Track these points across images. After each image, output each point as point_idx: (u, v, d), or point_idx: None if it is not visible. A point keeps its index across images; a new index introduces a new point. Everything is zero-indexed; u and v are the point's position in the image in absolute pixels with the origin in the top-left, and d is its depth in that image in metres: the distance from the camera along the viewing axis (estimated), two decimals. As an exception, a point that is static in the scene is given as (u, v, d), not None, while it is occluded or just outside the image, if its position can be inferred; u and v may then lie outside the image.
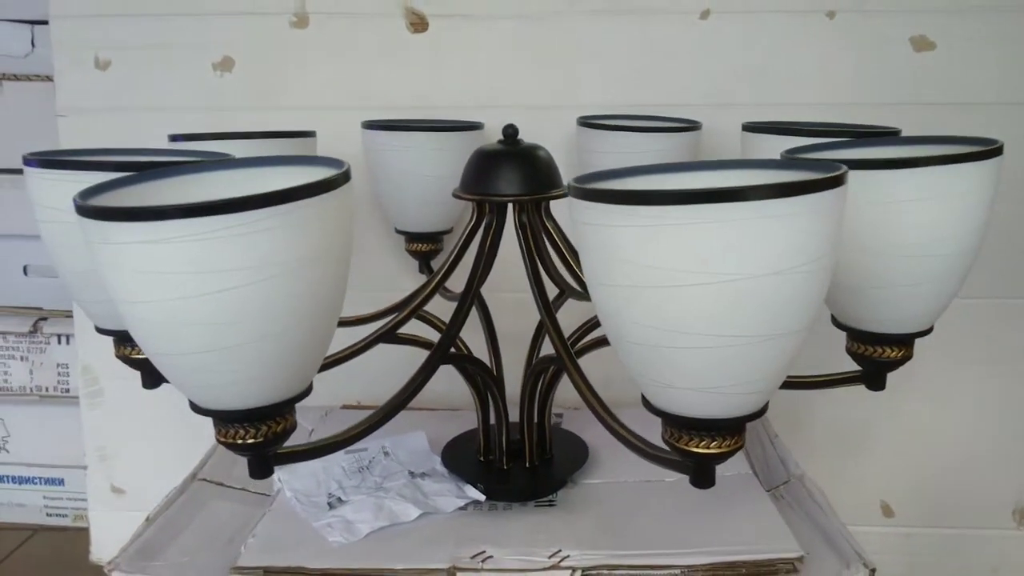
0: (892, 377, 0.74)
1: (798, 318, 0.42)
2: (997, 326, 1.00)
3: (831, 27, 0.95)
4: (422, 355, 0.67)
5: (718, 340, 0.42)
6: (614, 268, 0.42)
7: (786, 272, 0.40)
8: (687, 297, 0.41)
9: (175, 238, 0.40)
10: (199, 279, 0.41)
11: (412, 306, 0.68)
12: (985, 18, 0.94)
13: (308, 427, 0.88)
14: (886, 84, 0.95)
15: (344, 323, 0.78)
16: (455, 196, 0.70)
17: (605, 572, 0.62)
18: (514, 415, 0.74)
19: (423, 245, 0.92)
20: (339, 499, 0.71)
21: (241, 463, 0.81)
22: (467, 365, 0.70)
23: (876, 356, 0.61)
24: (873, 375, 0.63)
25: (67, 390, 1.10)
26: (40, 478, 1.14)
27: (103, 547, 1.04)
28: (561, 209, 0.77)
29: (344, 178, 0.45)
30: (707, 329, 0.41)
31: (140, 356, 0.63)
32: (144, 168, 0.51)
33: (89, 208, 0.41)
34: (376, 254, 1.00)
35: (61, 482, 1.14)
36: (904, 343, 0.60)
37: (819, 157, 0.57)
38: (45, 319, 1.11)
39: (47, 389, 1.10)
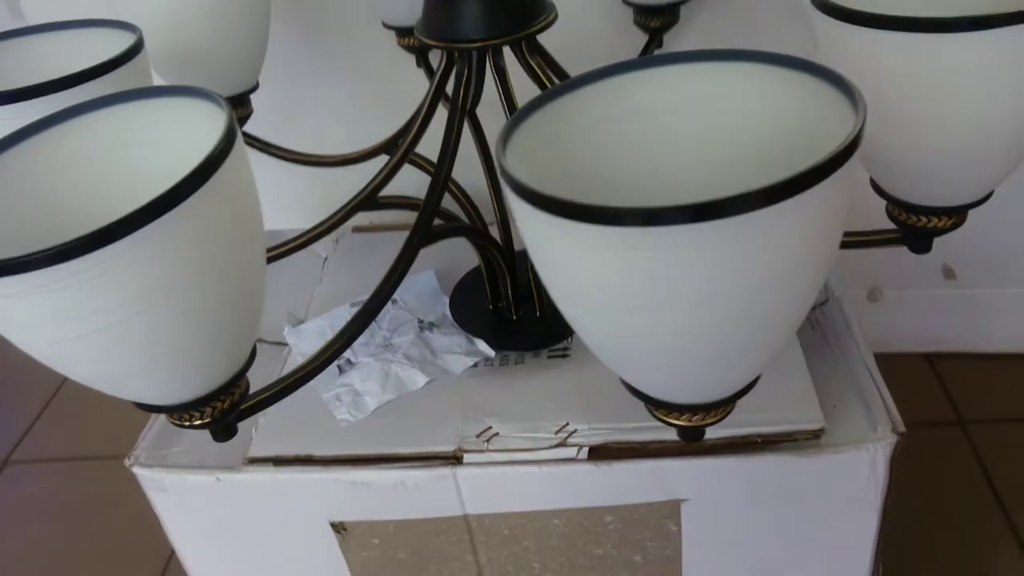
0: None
1: (786, 324, 0.34)
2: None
3: None
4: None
5: (693, 355, 0.34)
6: (568, 285, 0.34)
7: (763, 287, 0.32)
8: (649, 319, 0.33)
9: (23, 293, 0.34)
10: (62, 328, 0.35)
11: (381, 176, 0.60)
12: None
13: (322, 254, 0.85)
14: None
15: (328, 163, 0.71)
16: (416, 37, 0.58)
17: (612, 446, 0.60)
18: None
19: (415, 39, 0.80)
20: (348, 360, 0.70)
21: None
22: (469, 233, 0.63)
23: (922, 225, 0.51)
24: (918, 240, 0.53)
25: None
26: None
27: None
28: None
29: (209, 168, 0.35)
30: (678, 347, 0.34)
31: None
32: None
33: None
34: (369, 47, 0.89)
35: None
36: (956, 212, 0.50)
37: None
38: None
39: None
